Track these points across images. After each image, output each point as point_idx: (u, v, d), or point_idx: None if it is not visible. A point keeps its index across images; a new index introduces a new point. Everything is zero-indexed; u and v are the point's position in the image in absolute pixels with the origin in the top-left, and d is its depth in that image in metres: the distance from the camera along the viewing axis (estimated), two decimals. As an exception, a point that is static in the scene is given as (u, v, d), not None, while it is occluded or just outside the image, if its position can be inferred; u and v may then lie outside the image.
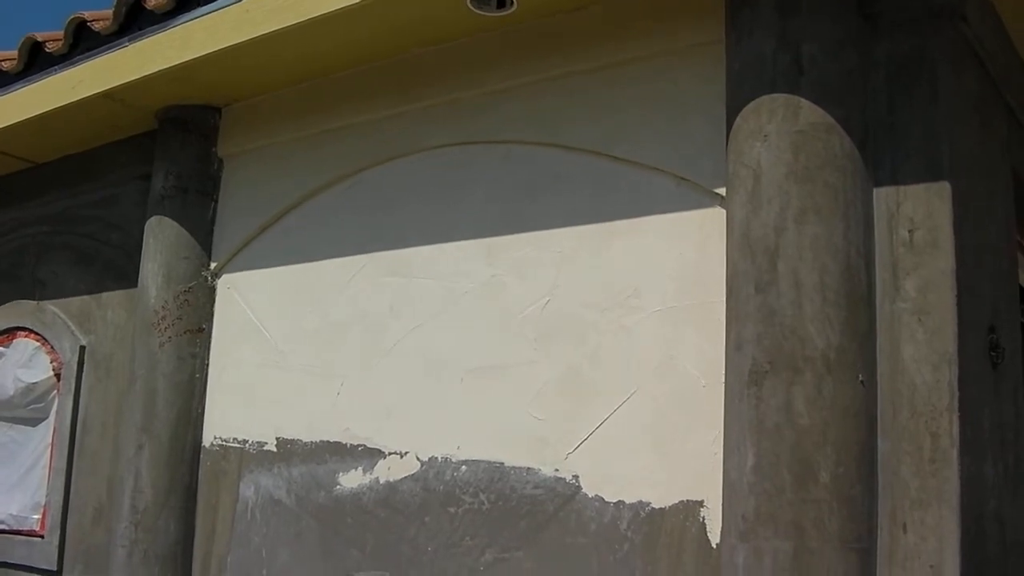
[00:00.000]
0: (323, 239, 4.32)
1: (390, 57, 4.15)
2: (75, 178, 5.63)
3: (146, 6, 4.43)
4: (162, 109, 4.84)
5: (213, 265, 4.70)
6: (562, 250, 3.62)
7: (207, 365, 4.66)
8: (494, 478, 3.61)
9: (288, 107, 4.54)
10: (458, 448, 3.73)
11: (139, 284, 4.76)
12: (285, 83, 4.49)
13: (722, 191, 3.22)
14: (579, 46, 3.67)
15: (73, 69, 4.74)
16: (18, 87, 5.10)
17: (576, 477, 3.44)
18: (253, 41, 3.99)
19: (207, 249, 4.72)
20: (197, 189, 4.74)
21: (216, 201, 4.78)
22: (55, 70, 4.86)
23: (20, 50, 5.07)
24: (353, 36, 3.98)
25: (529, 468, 3.54)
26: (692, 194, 3.37)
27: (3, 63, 5.19)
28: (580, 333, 3.52)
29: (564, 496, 3.44)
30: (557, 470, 3.48)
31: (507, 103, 3.85)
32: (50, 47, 4.93)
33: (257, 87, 4.57)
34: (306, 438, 4.19)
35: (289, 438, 4.26)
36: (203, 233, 4.72)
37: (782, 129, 3.01)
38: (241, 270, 4.63)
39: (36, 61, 5.06)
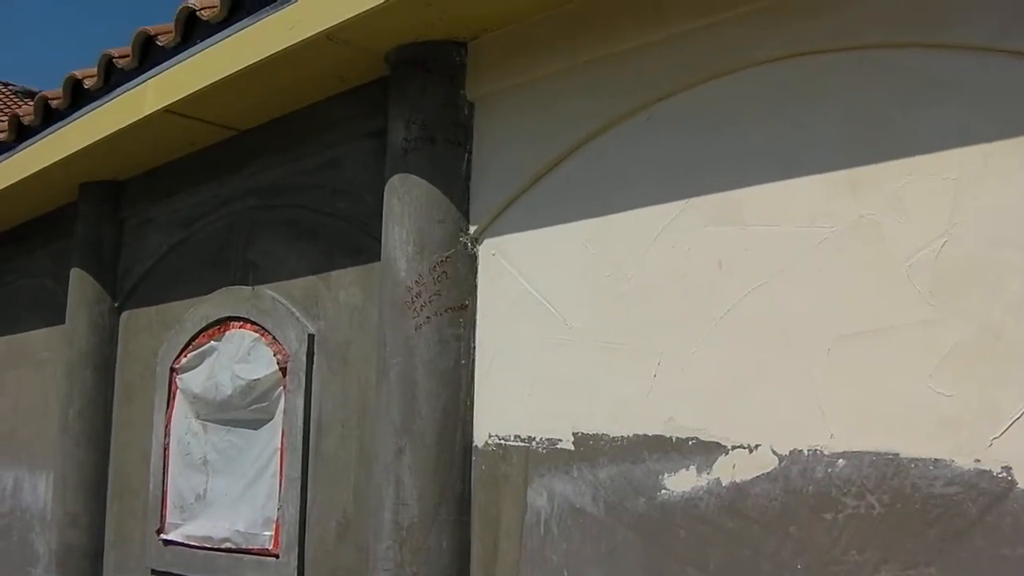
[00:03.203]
0: (618, 186, 3.68)
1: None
2: (286, 143, 5.12)
3: (384, -82, 3.83)
4: (395, 50, 4.27)
5: (473, 228, 4.11)
6: (958, 176, 2.90)
7: (473, 348, 4.07)
8: (886, 474, 2.92)
9: (554, 33, 3.92)
10: (831, 437, 3.05)
11: (383, 256, 4.19)
12: (550, 4, 3.86)
13: None
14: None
15: (290, 7, 4.19)
16: (219, 37, 4.58)
17: (1007, 469, 2.72)
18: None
19: (463, 210, 4.12)
20: (446, 139, 4.13)
21: (470, 152, 4.17)
22: (266, 11, 4.32)
23: (224, -8, 4.54)
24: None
25: (937, 459, 2.84)
26: None
27: (203, 11, 4.67)
28: (995, 280, 2.81)
29: (992, 494, 2.74)
30: (978, 460, 2.77)
31: (864, -1, 3.16)
32: (260, -14, 4.38)
33: (514, 12, 3.95)
34: (615, 432, 3.56)
35: (591, 433, 3.63)
36: (458, 191, 4.12)
37: None
38: (509, 232, 4.03)
39: (243, 4, 4.52)
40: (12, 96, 17.62)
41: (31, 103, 6.26)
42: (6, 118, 6.58)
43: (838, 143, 3.15)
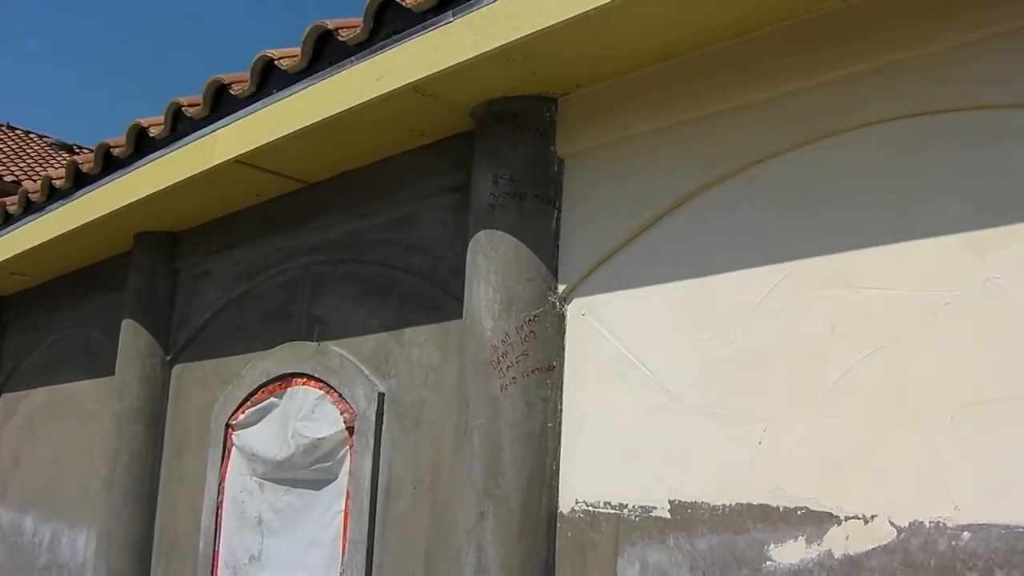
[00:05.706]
0: (720, 247, 3.63)
1: (804, 15, 3.48)
2: (357, 198, 5.08)
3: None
4: (482, 104, 4.25)
5: (562, 288, 4.06)
6: (1094, 242, 2.87)
7: (560, 411, 4.01)
8: (1016, 548, 2.84)
9: (650, 90, 3.89)
10: (956, 508, 2.97)
11: (466, 314, 4.14)
12: (651, 60, 3.84)
13: None
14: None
15: (378, 57, 4.17)
16: (300, 87, 4.57)
17: None
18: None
19: (552, 268, 4.07)
20: (536, 195, 4.09)
21: (559, 209, 4.14)
22: (350, 62, 4.31)
23: (304, 42, 4.52)
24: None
25: (1072, 535, 2.79)
26: None
27: (282, 60, 4.67)
28: None
29: None
30: (1119, 537, 2.72)
31: (985, 58, 3.12)
32: (343, 35, 4.36)
33: (609, 69, 3.94)
34: (715, 500, 3.49)
35: (689, 501, 3.57)
36: (547, 248, 4.07)
37: None
38: (600, 292, 3.98)
39: (323, 54, 4.50)
40: (48, 148, 17.79)
41: (67, 156, 6.25)
42: (43, 170, 6.55)
43: (958, 205, 3.09)
